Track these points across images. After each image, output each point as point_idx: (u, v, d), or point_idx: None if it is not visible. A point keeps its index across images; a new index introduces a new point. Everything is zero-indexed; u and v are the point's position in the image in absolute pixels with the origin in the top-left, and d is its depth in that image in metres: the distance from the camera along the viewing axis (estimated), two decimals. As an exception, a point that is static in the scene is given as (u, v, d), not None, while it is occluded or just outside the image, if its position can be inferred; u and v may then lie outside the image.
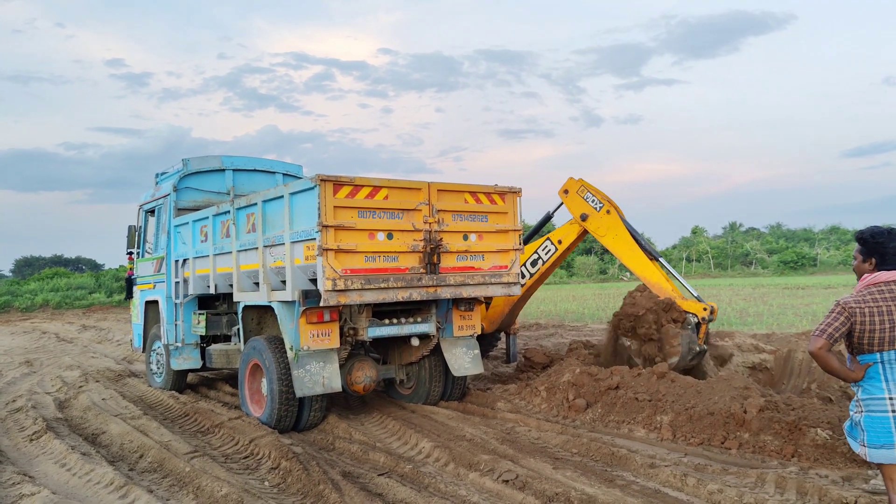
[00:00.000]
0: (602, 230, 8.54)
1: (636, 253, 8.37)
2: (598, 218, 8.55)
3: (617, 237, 8.46)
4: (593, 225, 8.61)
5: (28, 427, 6.88)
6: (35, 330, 20.75)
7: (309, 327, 6.20)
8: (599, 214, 8.54)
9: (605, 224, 8.52)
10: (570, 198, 8.78)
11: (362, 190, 6.11)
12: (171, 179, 8.92)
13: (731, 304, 20.17)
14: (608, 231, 8.50)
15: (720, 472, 4.91)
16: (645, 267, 8.36)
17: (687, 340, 7.53)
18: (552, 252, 9.07)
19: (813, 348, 3.52)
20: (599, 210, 8.55)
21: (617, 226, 8.48)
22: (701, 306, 7.91)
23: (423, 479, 4.95)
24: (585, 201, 8.64)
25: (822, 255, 50.57)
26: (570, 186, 8.79)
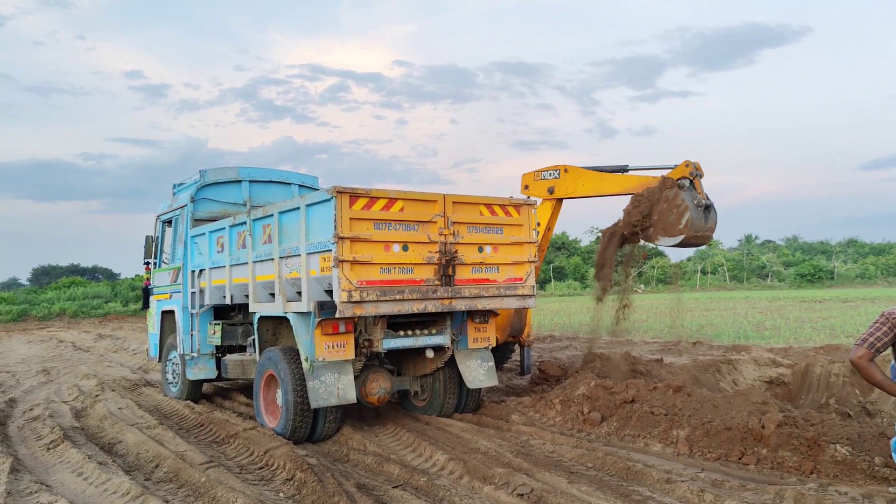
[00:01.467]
0: (571, 187, 8.83)
1: (609, 179, 8.61)
2: (561, 181, 8.88)
3: (585, 181, 8.73)
4: (561, 189, 8.90)
5: (45, 436, 6.94)
6: (52, 338, 20.96)
7: (324, 338, 6.22)
8: (561, 178, 8.86)
9: (569, 181, 8.84)
10: (532, 189, 9.11)
11: (378, 202, 6.14)
12: (189, 190, 9.00)
13: (747, 318, 20.00)
14: (575, 182, 8.78)
15: (738, 489, 4.85)
16: (623, 180, 8.57)
17: (689, 196, 7.70)
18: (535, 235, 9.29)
19: (854, 357, 3.43)
20: (558, 176, 8.88)
21: (579, 173, 8.78)
22: (682, 167, 8.03)
23: (437, 491, 4.93)
24: (544, 179, 9.00)
25: (840, 268, 50.04)
26: (526, 180, 9.21)
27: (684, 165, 7.98)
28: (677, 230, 7.64)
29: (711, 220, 7.91)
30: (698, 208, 7.70)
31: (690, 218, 7.59)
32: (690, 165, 7.96)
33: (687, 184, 7.89)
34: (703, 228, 7.74)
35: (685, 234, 7.62)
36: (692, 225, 7.57)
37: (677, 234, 7.66)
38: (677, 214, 7.73)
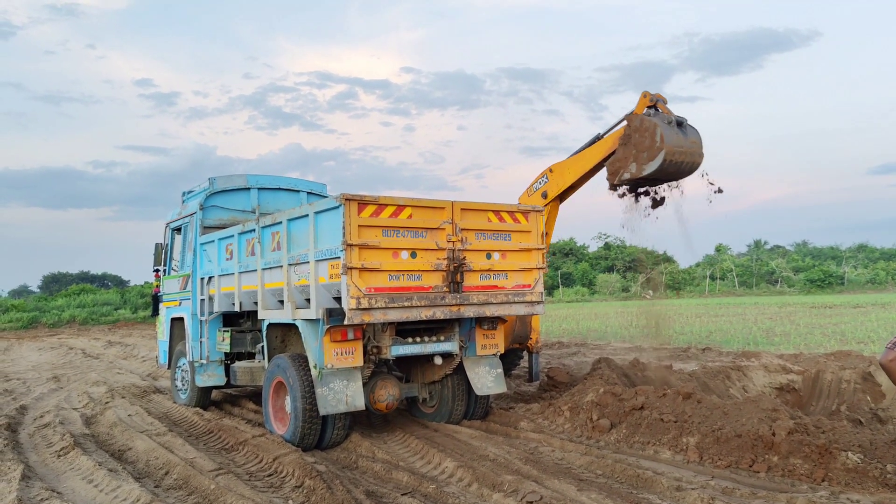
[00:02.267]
0: (561, 180, 8.98)
1: (587, 152, 8.76)
2: (551, 182, 9.05)
3: (568, 168, 8.93)
4: (553, 188, 9.05)
5: (56, 443, 6.97)
6: (62, 345, 21.07)
7: (333, 345, 6.23)
8: (550, 181, 9.04)
9: (556, 178, 9.00)
10: (529, 202, 9.24)
11: (386, 209, 6.16)
12: (198, 198, 9.05)
13: (756, 324, 19.89)
14: (562, 175, 8.96)
15: (749, 496, 4.83)
16: (599, 146, 8.65)
17: (658, 118, 7.84)
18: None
19: (883, 360, 3.38)
20: (547, 180, 9.07)
21: (562, 165, 8.97)
22: (642, 99, 8.20)
23: (446, 499, 4.93)
24: (536, 190, 9.21)
25: (850, 274, 49.71)
26: (522, 201, 9.36)
27: (643, 97, 8.14)
28: (655, 149, 7.69)
29: (691, 135, 7.93)
30: (669, 124, 7.76)
31: (662, 132, 7.65)
32: (648, 94, 8.09)
33: (653, 112, 8.01)
34: (682, 143, 7.77)
35: (664, 148, 7.64)
36: (667, 139, 7.63)
37: (657, 152, 7.69)
38: (650, 136, 7.81)
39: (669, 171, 7.94)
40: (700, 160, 8.06)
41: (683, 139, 7.83)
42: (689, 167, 8.06)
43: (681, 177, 8.24)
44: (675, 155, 7.77)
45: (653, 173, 7.90)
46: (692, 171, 8.15)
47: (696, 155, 7.99)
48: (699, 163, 8.08)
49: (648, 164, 7.84)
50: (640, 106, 8.21)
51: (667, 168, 7.85)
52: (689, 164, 8.00)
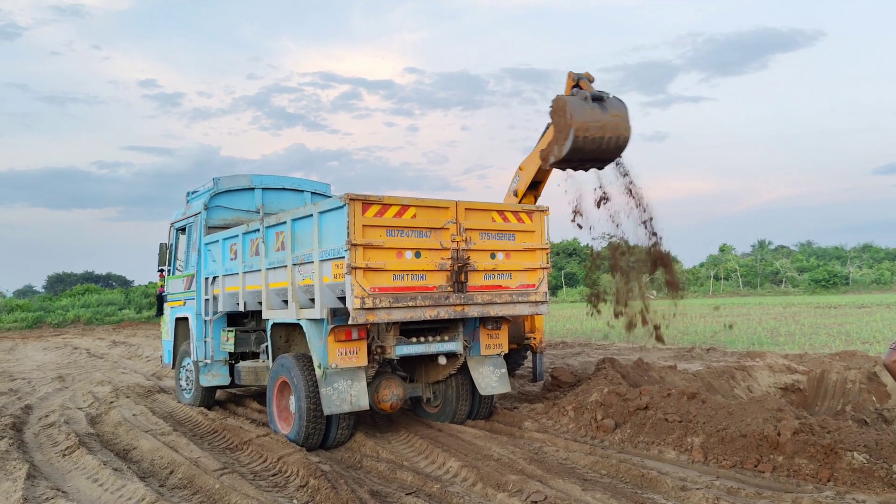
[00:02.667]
0: (523, 178, 9.07)
1: (537, 146, 8.70)
2: (519, 179, 9.13)
3: (529, 162, 8.96)
4: (520, 185, 9.14)
5: (61, 442, 6.99)
6: (67, 345, 21.12)
7: (337, 345, 6.23)
8: (519, 178, 9.16)
9: (522, 174, 9.08)
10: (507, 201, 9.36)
11: (390, 209, 6.16)
12: (202, 198, 9.07)
13: (761, 324, 19.85)
14: (525, 171, 9.02)
15: (754, 496, 4.82)
16: (545, 137, 8.49)
17: (573, 96, 7.74)
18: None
19: (887, 360, 3.38)
20: (518, 177, 9.21)
21: (525, 161, 9.02)
22: (567, 80, 8.13)
23: (451, 498, 4.92)
24: (511, 190, 9.34)
25: (855, 274, 49.59)
26: (508, 201, 9.44)
27: (568, 77, 8.04)
28: (566, 126, 7.47)
29: (612, 109, 7.60)
30: (585, 100, 7.53)
31: (572, 109, 7.41)
32: (572, 74, 7.99)
33: (575, 91, 7.90)
34: (597, 118, 7.47)
35: (573, 125, 7.40)
36: (577, 115, 7.37)
37: (567, 129, 7.46)
38: (561, 114, 7.63)
39: (589, 148, 7.56)
40: (626, 133, 7.67)
41: (600, 114, 7.49)
42: (614, 142, 7.65)
43: (610, 154, 7.86)
44: (588, 131, 7.43)
45: (570, 153, 7.58)
46: (619, 145, 7.74)
47: (620, 129, 7.61)
48: (626, 136, 7.68)
49: (564, 144, 7.58)
50: (567, 88, 8.03)
51: (584, 146, 7.50)
52: (611, 139, 7.62)
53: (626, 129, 7.70)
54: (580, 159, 7.89)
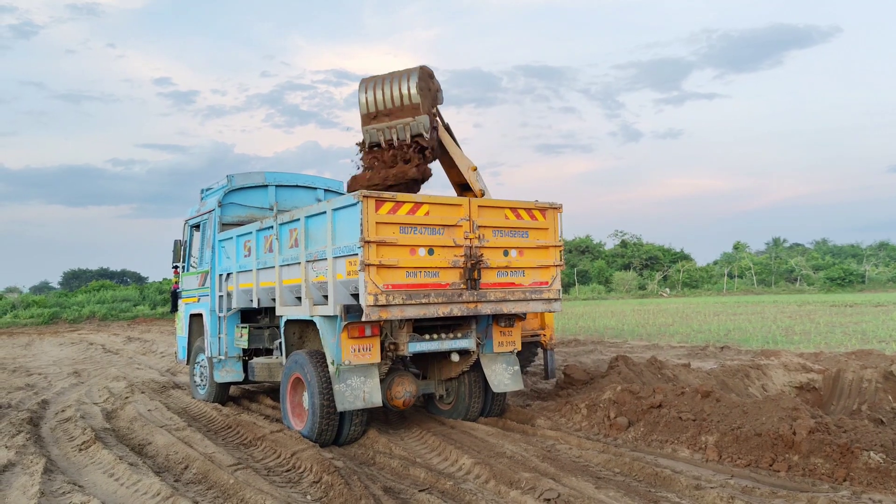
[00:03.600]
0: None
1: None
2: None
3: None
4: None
5: (77, 437, 7.06)
6: (82, 341, 21.33)
7: (350, 342, 6.25)
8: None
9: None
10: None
11: (404, 206, 6.17)
12: (216, 195, 9.12)
13: (776, 322, 19.71)
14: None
15: (769, 496, 4.79)
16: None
17: None
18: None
19: None
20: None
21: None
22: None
23: (463, 495, 4.93)
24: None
25: (871, 272, 49.12)
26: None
27: None
28: None
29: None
30: None
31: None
32: None
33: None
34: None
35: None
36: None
37: None
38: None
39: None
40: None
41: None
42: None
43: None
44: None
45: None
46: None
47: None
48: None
49: None
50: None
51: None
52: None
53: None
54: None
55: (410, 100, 7.57)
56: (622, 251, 57.06)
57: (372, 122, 7.72)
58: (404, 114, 7.59)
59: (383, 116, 7.69)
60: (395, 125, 7.62)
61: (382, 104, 7.68)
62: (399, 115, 7.62)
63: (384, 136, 7.65)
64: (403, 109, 7.58)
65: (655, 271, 52.96)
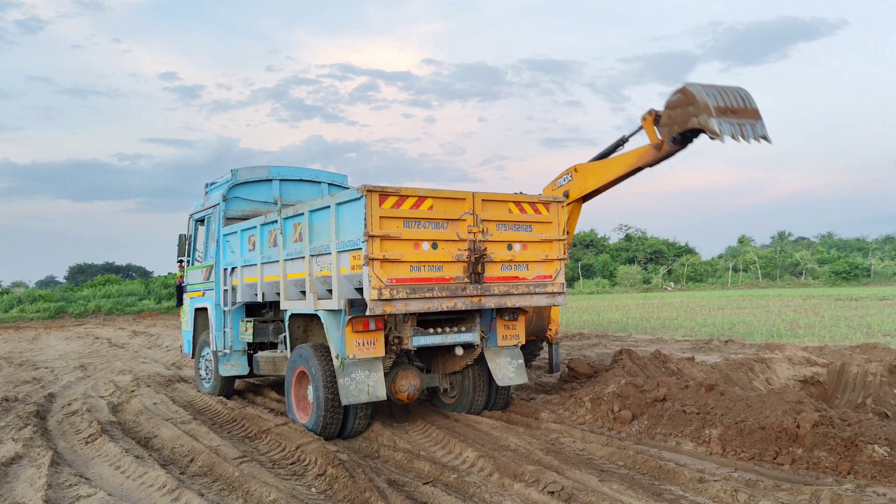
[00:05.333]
0: (583, 183, 8.74)
1: (612, 163, 8.50)
2: (574, 182, 8.80)
3: (593, 173, 8.64)
4: (576, 189, 8.82)
5: (84, 430, 7.10)
6: (88, 335, 21.42)
7: (354, 336, 6.27)
8: (574, 180, 8.80)
9: (580, 179, 8.74)
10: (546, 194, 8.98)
11: (407, 200, 6.17)
12: (221, 189, 9.13)
13: (780, 316, 19.68)
14: (586, 178, 8.69)
15: (772, 489, 4.79)
16: (624, 158, 8.43)
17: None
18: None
19: None
20: (571, 178, 8.84)
21: (587, 168, 8.70)
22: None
23: (467, 488, 4.95)
24: (560, 187, 8.98)
25: (877, 266, 48.93)
26: (546, 192, 9.10)
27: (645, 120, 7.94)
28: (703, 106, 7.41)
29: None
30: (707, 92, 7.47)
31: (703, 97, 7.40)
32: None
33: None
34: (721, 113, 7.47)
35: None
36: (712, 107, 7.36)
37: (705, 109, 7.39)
38: (697, 100, 7.50)
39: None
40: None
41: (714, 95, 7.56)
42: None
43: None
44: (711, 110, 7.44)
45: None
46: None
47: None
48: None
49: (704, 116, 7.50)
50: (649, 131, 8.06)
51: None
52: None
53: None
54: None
55: (751, 103, 7.71)
56: (627, 245, 56.94)
57: (723, 116, 7.58)
58: (748, 115, 7.67)
59: (730, 113, 7.64)
60: (745, 123, 7.63)
61: (729, 101, 7.64)
62: (744, 115, 7.67)
63: (735, 130, 7.54)
64: (746, 111, 7.65)
65: (660, 265, 52.87)
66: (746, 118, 7.57)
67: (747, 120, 7.56)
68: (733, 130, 7.46)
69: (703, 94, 7.37)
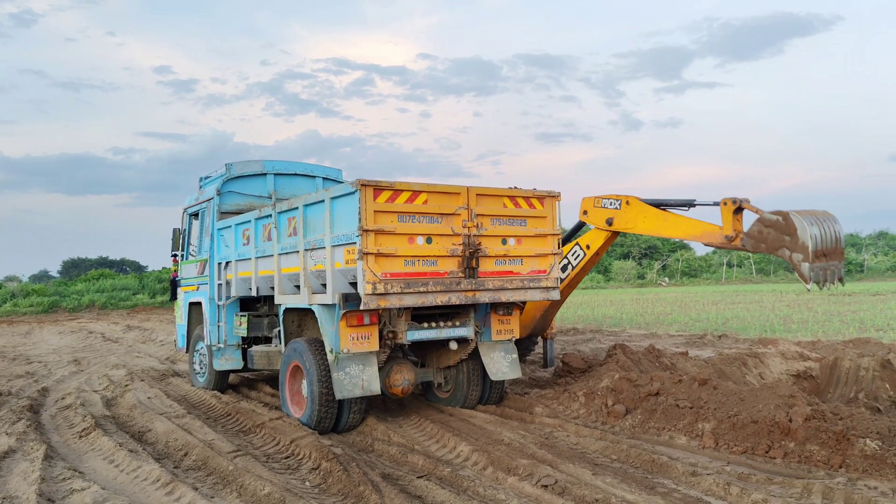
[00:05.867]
0: (631, 222, 8.21)
1: (672, 220, 7.94)
2: (622, 213, 8.26)
3: (647, 217, 8.09)
4: (622, 222, 8.28)
5: (77, 424, 7.09)
6: (82, 329, 21.36)
7: (349, 330, 6.27)
8: (622, 211, 8.26)
9: (629, 215, 8.20)
10: (590, 215, 8.54)
11: (402, 194, 6.16)
12: (215, 183, 9.11)
13: (774, 311, 19.75)
14: (636, 217, 8.15)
15: (765, 482, 4.82)
16: (688, 224, 7.79)
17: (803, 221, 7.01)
18: (581, 257, 8.89)
19: None
20: (620, 207, 8.28)
21: (641, 208, 8.11)
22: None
23: (461, 482, 4.96)
24: (604, 208, 8.40)
25: (870, 261, 49.18)
26: (586, 205, 8.58)
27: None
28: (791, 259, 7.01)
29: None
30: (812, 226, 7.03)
31: (810, 229, 6.92)
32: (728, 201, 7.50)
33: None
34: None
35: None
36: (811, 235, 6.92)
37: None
38: (797, 236, 6.99)
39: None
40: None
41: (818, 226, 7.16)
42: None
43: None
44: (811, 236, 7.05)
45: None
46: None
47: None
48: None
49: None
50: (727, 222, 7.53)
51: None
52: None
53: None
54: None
55: (841, 242, 7.36)
56: (621, 240, 57.08)
57: (817, 260, 7.14)
58: (835, 256, 7.30)
59: (823, 256, 7.22)
60: (831, 266, 7.25)
61: (826, 241, 7.21)
62: (833, 257, 7.29)
63: (820, 276, 7.10)
64: (835, 252, 7.27)
65: (654, 260, 53.01)
66: (834, 260, 7.21)
67: (834, 262, 7.20)
68: (819, 276, 7.05)
69: (806, 233, 6.89)
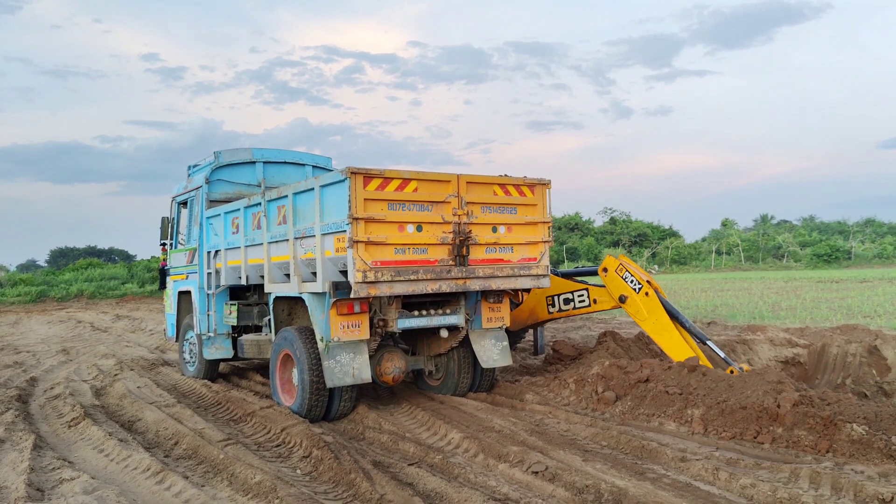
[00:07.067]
0: (642, 314, 8.01)
1: (677, 339, 7.73)
2: (638, 300, 8.04)
3: (657, 322, 7.90)
4: (633, 308, 8.10)
5: (66, 414, 7.05)
6: (70, 319, 21.23)
7: (339, 318, 6.26)
8: (639, 296, 8.05)
9: (645, 307, 8.00)
10: (609, 277, 8.37)
11: (392, 182, 6.14)
12: (204, 172, 9.04)
13: (762, 298, 19.88)
14: (649, 315, 7.96)
15: (753, 467, 4.86)
16: (682, 349, 7.62)
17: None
18: (586, 305, 8.82)
19: None
20: (638, 292, 8.07)
21: (657, 310, 7.93)
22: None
23: (452, 469, 4.98)
24: (624, 281, 8.22)
25: (857, 248, 49.53)
26: (609, 265, 8.41)
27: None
28: None
29: None
30: None
31: None
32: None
33: None
34: None
35: None
36: None
37: None
38: None
39: None
40: None
41: None
42: None
43: None
44: None
45: None
46: None
47: None
48: None
49: None
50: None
51: None
52: None
53: None
54: None
55: None
56: (611, 228, 57.18)
57: None
58: None
59: None
60: None
61: None
62: None
63: None
64: None
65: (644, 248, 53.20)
66: None
67: None
68: None
69: None
